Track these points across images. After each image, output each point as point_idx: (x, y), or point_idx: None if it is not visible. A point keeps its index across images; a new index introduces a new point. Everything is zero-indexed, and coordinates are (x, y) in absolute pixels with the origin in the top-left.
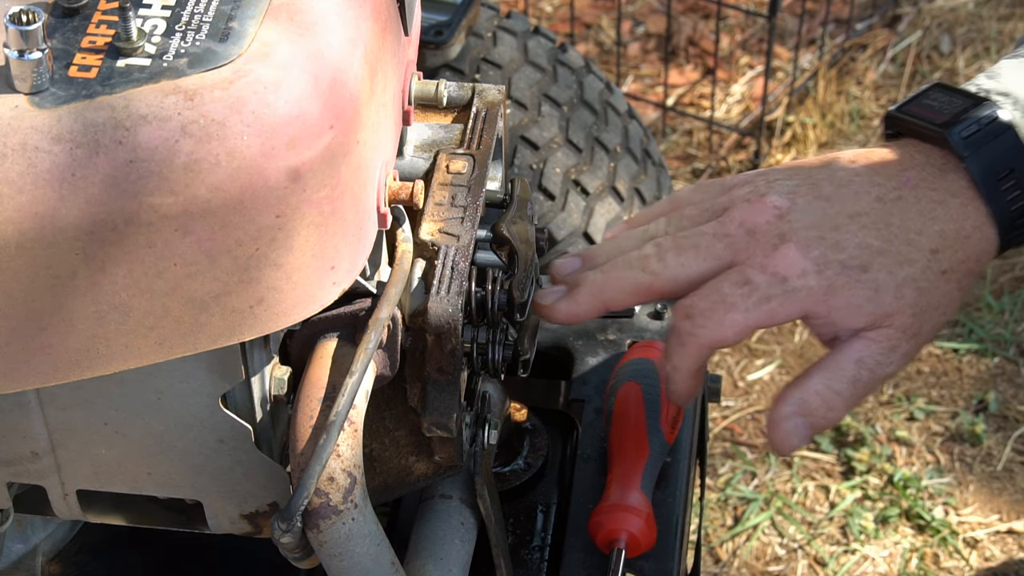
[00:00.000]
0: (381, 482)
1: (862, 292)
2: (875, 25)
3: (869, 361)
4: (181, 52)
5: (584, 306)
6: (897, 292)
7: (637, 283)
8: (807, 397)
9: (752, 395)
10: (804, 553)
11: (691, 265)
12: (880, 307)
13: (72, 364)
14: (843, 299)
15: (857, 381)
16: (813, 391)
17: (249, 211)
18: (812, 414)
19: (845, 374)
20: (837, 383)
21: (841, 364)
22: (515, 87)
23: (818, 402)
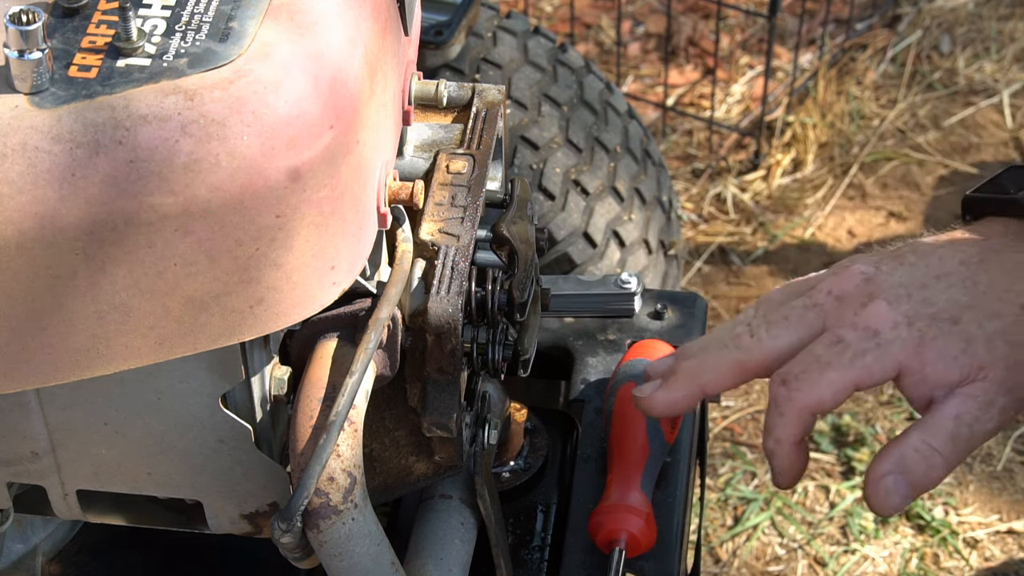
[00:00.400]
0: (381, 482)
1: (954, 343)
2: (875, 25)
3: (967, 417)
4: (181, 52)
5: (681, 392)
6: (989, 344)
7: (732, 361)
8: (906, 454)
9: (752, 395)
10: (804, 553)
11: (783, 336)
12: (974, 358)
13: (72, 364)
14: (936, 351)
15: (957, 438)
16: (912, 448)
17: (249, 211)
18: (911, 472)
19: (944, 431)
20: (936, 440)
21: (939, 421)
22: (515, 87)
23: (917, 459)
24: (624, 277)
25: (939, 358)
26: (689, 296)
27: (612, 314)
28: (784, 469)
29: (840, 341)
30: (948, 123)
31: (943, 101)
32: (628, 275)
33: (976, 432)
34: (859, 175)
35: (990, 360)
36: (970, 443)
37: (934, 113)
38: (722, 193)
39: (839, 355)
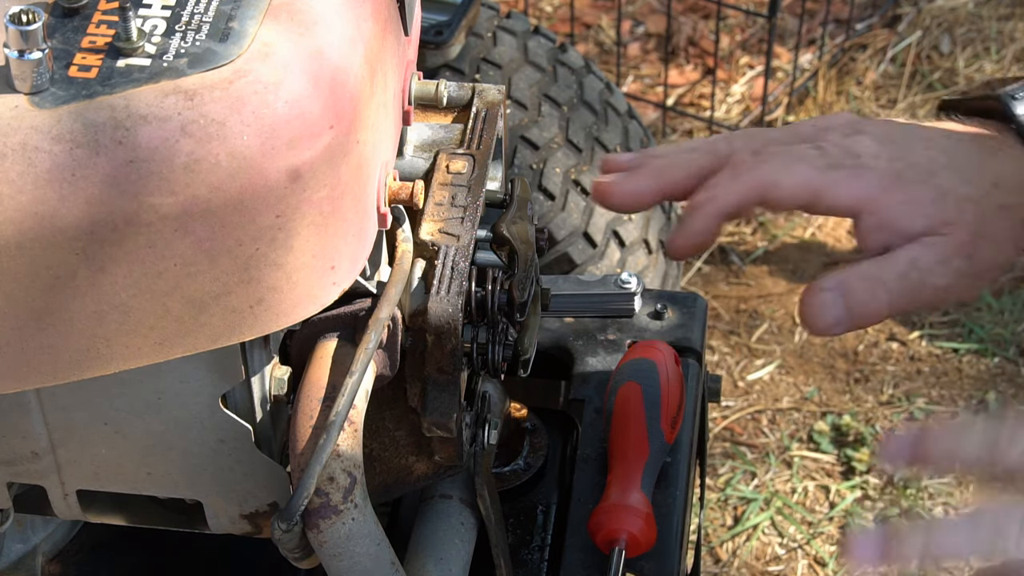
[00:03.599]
0: (381, 482)
1: (928, 192)
2: (875, 25)
3: (922, 263)
4: (181, 52)
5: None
6: (959, 204)
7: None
8: (850, 279)
9: (752, 395)
10: (804, 553)
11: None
12: (943, 211)
13: (72, 364)
14: (908, 194)
15: (906, 279)
16: (858, 275)
17: (249, 211)
18: (852, 295)
19: (896, 269)
20: (885, 273)
21: (894, 259)
22: (515, 87)
23: (862, 286)
24: (624, 277)
25: (909, 201)
26: (689, 296)
27: (612, 314)
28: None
29: (821, 148)
30: None
31: None
32: (628, 275)
33: (927, 282)
34: None
35: (958, 219)
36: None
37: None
38: None
39: (816, 158)
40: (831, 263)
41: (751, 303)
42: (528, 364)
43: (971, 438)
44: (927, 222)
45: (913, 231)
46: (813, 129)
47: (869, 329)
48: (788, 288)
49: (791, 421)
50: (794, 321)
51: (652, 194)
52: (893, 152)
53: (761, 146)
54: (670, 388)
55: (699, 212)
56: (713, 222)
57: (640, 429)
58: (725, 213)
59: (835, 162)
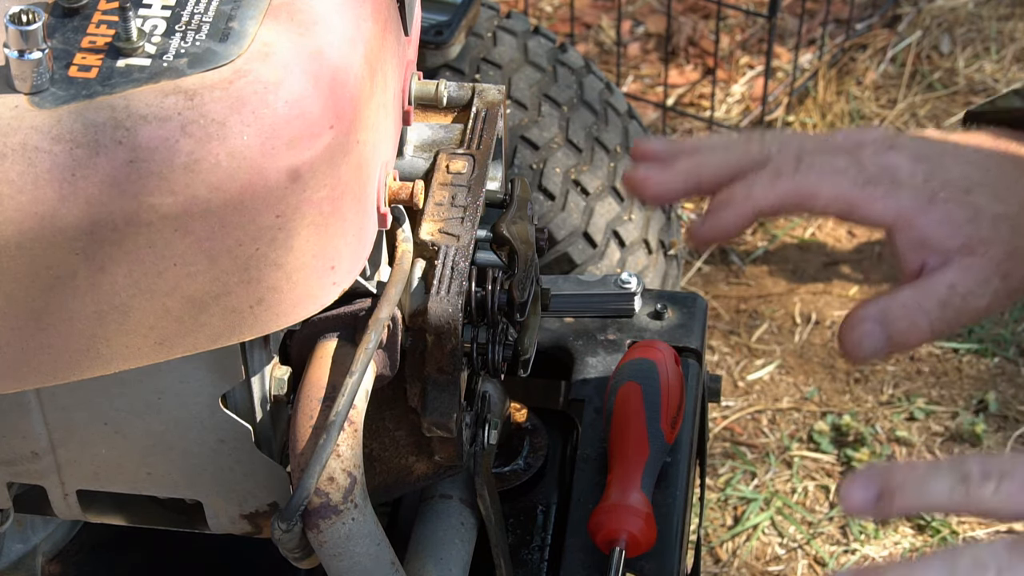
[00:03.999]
0: (381, 482)
1: (963, 211)
2: (875, 25)
3: (961, 288)
4: (181, 52)
5: (678, 179)
6: (994, 222)
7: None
8: (892, 307)
9: (752, 395)
10: (804, 553)
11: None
12: (978, 230)
13: (72, 364)
14: (943, 212)
15: (947, 305)
16: (899, 303)
17: (249, 211)
18: (893, 325)
19: (937, 295)
20: (926, 301)
21: (933, 285)
22: (515, 87)
23: (902, 314)
24: (624, 277)
25: (945, 220)
26: (689, 296)
27: (612, 314)
28: (724, 224)
29: (859, 163)
30: (948, 123)
31: (943, 101)
32: (628, 275)
33: (968, 305)
34: None
35: (993, 238)
36: (959, 316)
37: (934, 113)
38: None
39: (856, 173)
40: (831, 263)
41: (751, 303)
42: (528, 364)
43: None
44: (963, 240)
45: (949, 249)
46: (847, 142)
47: None
48: (788, 288)
49: (791, 421)
50: (794, 321)
51: (684, 190)
52: (927, 170)
53: (800, 153)
54: (670, 388)
55: (734, 206)
56: (745, 219)
57: (640, 429)
58: (760, 211)
59: (872, 178)
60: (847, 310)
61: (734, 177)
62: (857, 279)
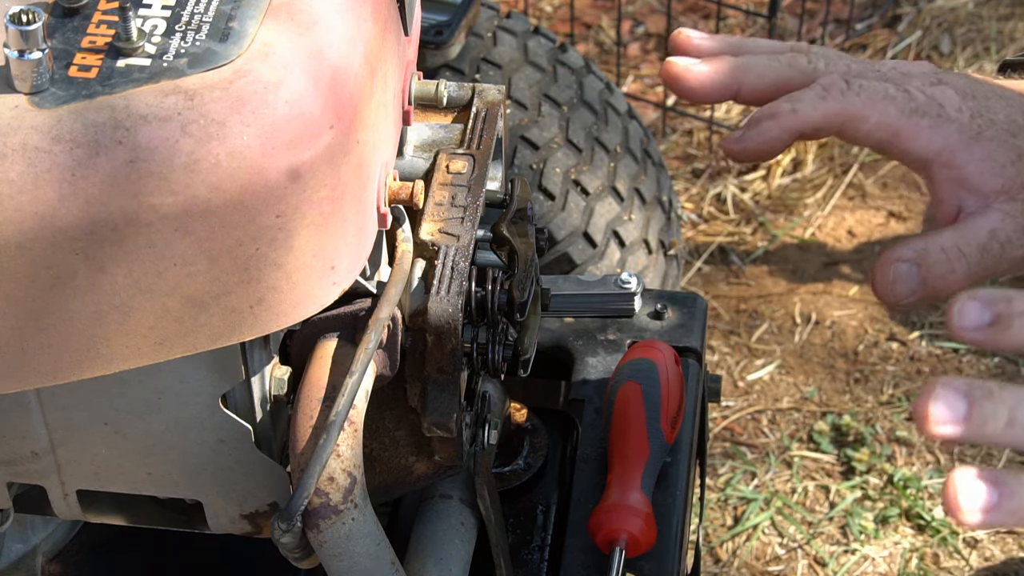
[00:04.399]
0: (381, 482)
1: (1006, 152)
2: (875, 25)
3: (1002, 234)
4: (181, 52)
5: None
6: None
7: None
8: (931, 249)
9: (752, 395)
10: (804, 553)
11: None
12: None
13: (72, 364)
14: (987, 151)
15: (987, 251)
16: (939, 245)
17: (249, 211)
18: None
19: (977, 240)
20: (966, 245)
21: (974, 229)
22: (515, 87)
23: (941, 257)
24: (624, 277)
25: (988, 158)
26: (689, 296)
27: (612, 314)
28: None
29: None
30: None
31: None
32: (628, 275)
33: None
34: (859, 175)
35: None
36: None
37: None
38: (722, 193)
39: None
40: (831, 263)
41: (751, 303)
42: (528, 364)
43: None
44: (1003, 182)
45: (988, 190)
46: (894, 72)
47: (869, 329)
48: (788, 288)
49: (791, 421)
50: (794, 321)
51: (727, 90)
52: (974, 107)
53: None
54: (670, 388)
55: (777, 120)
56: (788, 134)
57: (640, 429)
58: (803, 129)
59: (919, 108)
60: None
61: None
62: (857, 279)
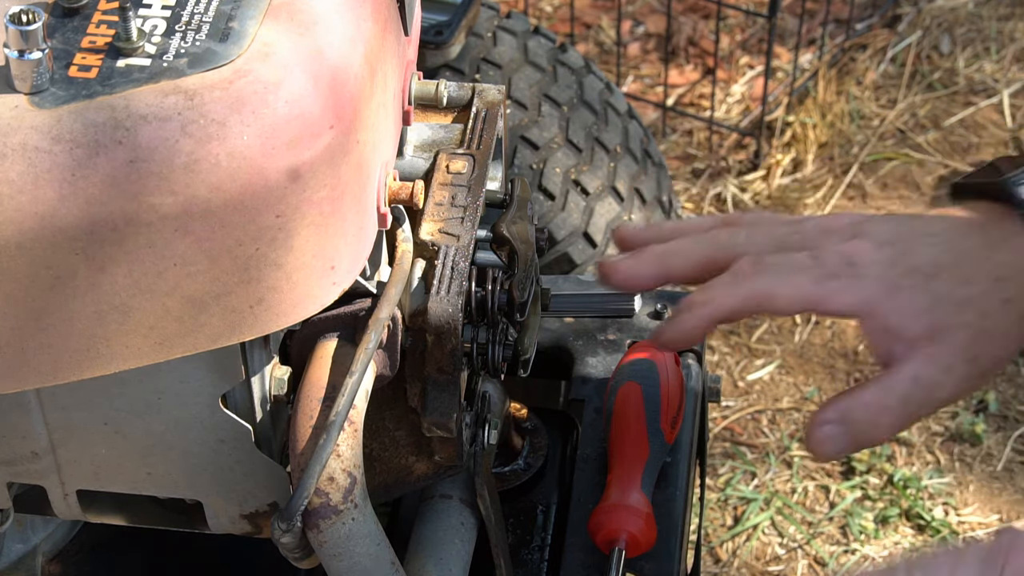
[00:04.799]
0: (381, 482)
1: (925, 298)
2: (875, 25)
3: (924, 380)
4: (181, 52)
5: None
6: (959, 307)
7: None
8: (853, 407)
9: (752, 395)
10: (804, 553)
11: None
12: (941, 317)
13: (72, 364)
14: (905, 300)
15: (909, 400)
16: (861, 402)
17: (249, 211)
18: (854, 424)
19: (898, 390)
20: (888, 398)
21: (895, 379)
22: (515, 87)
23: (863, 413)
24: None
25: (907, 307)
26: None
27: (612, 314)
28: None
29: (818, 259)
30: (948, 123)
31: (943, 101)
32: None
33: (932, 397)
34: (859, 175)
35: (957, 323)
36: (923, 407)
37: (934, 113)
38: (722, 193)
39: (814, 268)
40: None
41: None
42: (528, 364)
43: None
44: (925, 328)
45: (911, 336)
46: (816, 230)
47: None
48: None
49: (791, 421)
50: (794, 321)
51: (655, 279)
52: (892, 255)
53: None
54: (670, 388)
55: (694, 313)
56: (705, 324)
57: (640, 429)
58: (719, 318)
59: (831, 272)
60: None
61: (701, 269)
62: None
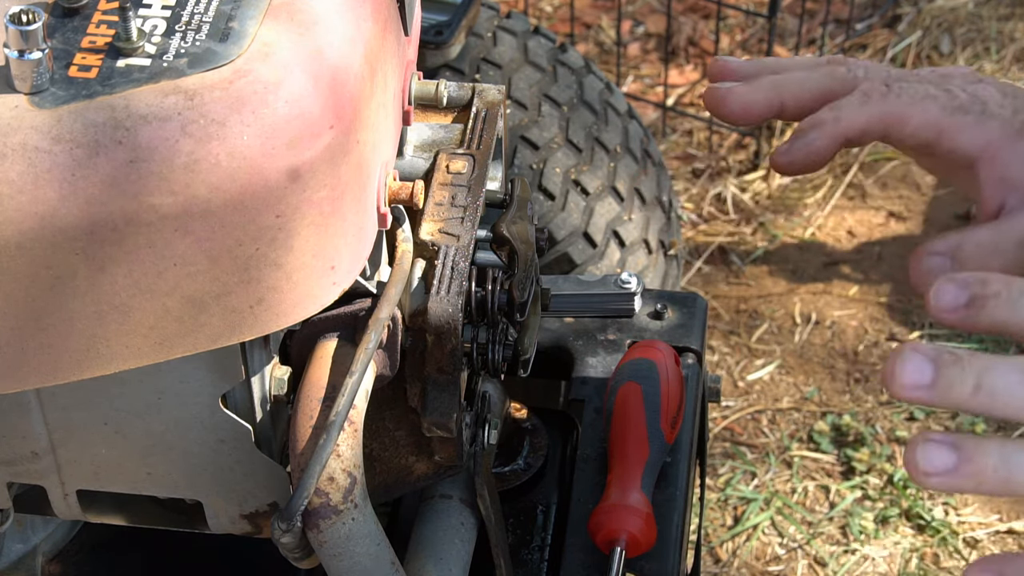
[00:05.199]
0: (381, 482)
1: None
2: (875, 25)
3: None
4: (181, 52)
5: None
6: None
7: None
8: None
9: (752, 395)
10: (804, 553)
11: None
12: None
13: (72, 364)
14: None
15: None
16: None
17: (249, 211)
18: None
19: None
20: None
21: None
22: (515, 87)
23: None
24: (624, 277)
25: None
26: (689, 296)
27: (612, 314)
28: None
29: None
30: None
31: None
32: (628, 275)
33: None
34: (859, 175)
35: None
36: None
37: None
38: (722, 193)
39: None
40: (831, 263)
41: (751, 303)
42: (528, 364)
43: None
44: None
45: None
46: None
47: (869, 329)
48: (788, 288)
49: (791, 421)
50: (794, 321)
51: (769, 108)
52: (1017, 104)
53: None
54: (670, 388)
55: (822, 129)
56: (834, 142)
57: (640, 429)
58: (848, 136)
59: (962, 106)
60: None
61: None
62: (857, 279)
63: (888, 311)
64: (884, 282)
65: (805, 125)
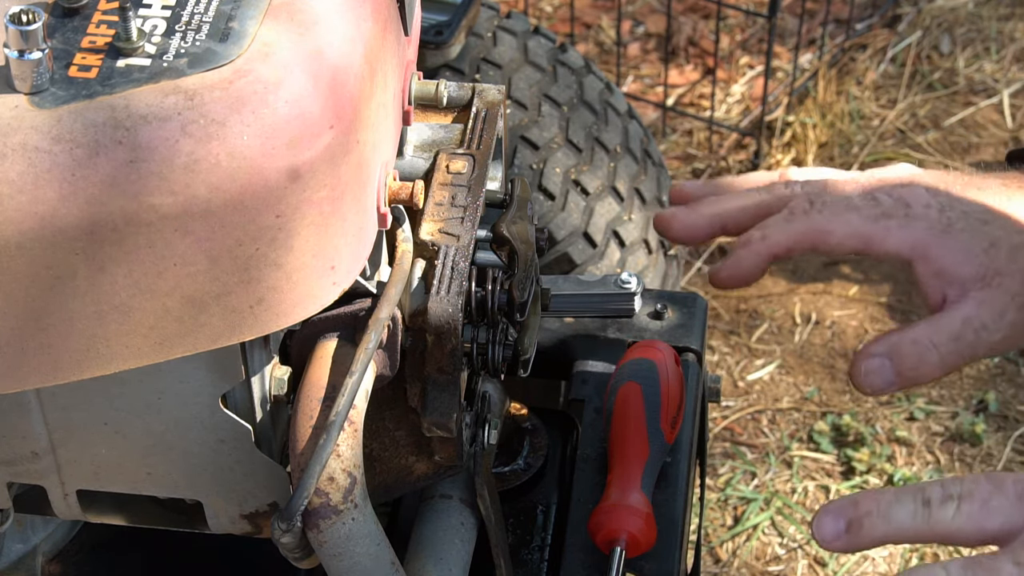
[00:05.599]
0: (381, 482)
1: (979, 241)
2: (875, 25)
3: (976, 322)
4: (181, 52)
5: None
6: (1011, 253)
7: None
8: (902, 342)
9: (752, 395)
10: (804, 553)
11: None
12: (994, 260)
13: (72, 364)
14: (959, 242)
15: (960, 340)
16: (910, 338)
17: (249, 211)
18: (902, 360)
19: (948, 329)
20: (937, 336)
21: (946, 319)
22: (515, 87)
23: (912, 350)
24: (624, 277)
25: (961, 250)
26: (689, 296)
27: (612, 314)
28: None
29: (874, 199)
30: (948, 123)
31: (943, 101)
32: (628, 275)
33: (981, 340)
34: None
35: (1009, 268)
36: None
37: (934, 113)
38: None
39: (869, 208)
40: (831, 263)
41: (751, 303)
42: (528, 364)
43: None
44: (978, 270)
45: (965, 279)
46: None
47: (869, 329)
48: (788, 288)
49: (791, 421)
50: (794, 321)
51: (711, 230)
52: (945, 201)
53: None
54: (670, 388)
55: (750, 249)
56: (762, 261)
57: (640, 429)
58: (775, 254)
59: (887, 212)
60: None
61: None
62: (857, 279)
63: (888, 311)
64: (884, 282)
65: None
